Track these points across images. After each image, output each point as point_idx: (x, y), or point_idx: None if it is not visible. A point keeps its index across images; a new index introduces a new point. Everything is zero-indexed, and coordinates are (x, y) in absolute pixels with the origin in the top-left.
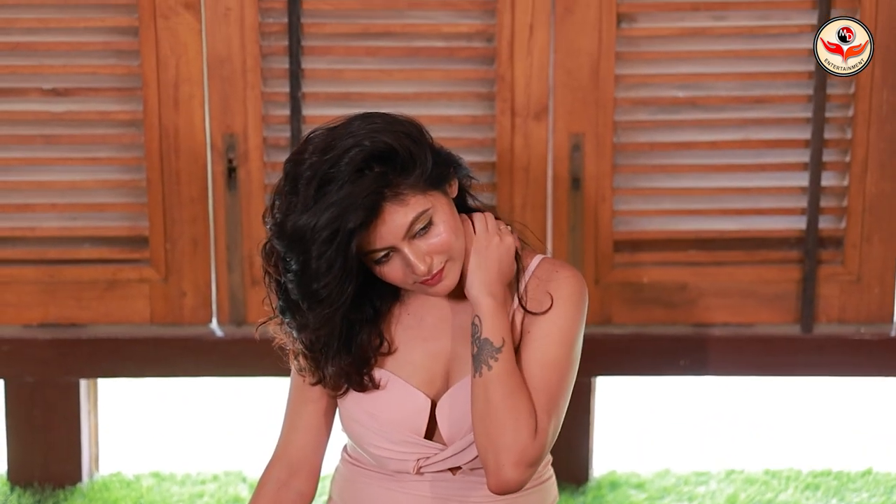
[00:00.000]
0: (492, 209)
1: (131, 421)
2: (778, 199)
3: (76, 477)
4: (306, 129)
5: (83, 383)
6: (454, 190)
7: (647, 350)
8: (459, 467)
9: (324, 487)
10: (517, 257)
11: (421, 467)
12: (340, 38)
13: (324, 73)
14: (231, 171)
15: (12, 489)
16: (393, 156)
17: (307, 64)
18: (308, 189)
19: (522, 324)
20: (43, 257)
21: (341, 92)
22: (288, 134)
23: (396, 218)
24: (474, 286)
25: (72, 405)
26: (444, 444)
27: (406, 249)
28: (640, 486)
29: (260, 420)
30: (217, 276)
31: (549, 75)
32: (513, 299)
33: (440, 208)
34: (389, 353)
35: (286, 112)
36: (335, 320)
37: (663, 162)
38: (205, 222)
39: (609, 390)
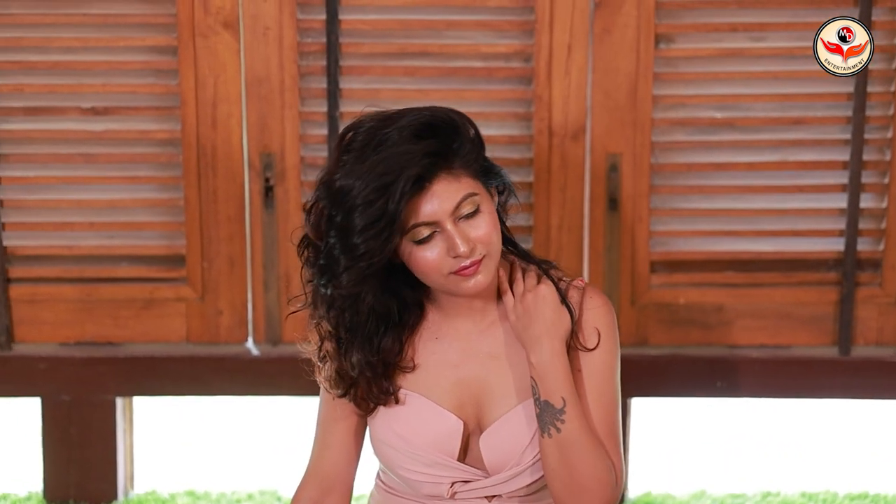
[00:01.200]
0: (528, 230)
1: (167, 439)
2: (816, 221)
3: (111, 495)
4: None
5: (119, 401)
6: (496, 201)
7: (683, 371)
8: (498, 495)
9: None
10: (565, 302)
11: (456, 492)
12: (378, 58)
13: (361, 93)
14: (268, 190)
15: None
16: (452, 131)
17: (345, 83)
18: (363, 150)
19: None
20: (80, 275)
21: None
22: (325, 153)
23: (449, 192)
24: (525, 348)
25: (107, 423)
26: (481, 469)
27: (451, 228)
28: None
29: (295, 439)
30: (253, 294)
31: (587, 95)
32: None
33: (486, 201)
34: (413, 370)
35: (324, 132)
36: (368, 281)
37: (701, 183)
38: (242, 241)
39: (645, 411)
